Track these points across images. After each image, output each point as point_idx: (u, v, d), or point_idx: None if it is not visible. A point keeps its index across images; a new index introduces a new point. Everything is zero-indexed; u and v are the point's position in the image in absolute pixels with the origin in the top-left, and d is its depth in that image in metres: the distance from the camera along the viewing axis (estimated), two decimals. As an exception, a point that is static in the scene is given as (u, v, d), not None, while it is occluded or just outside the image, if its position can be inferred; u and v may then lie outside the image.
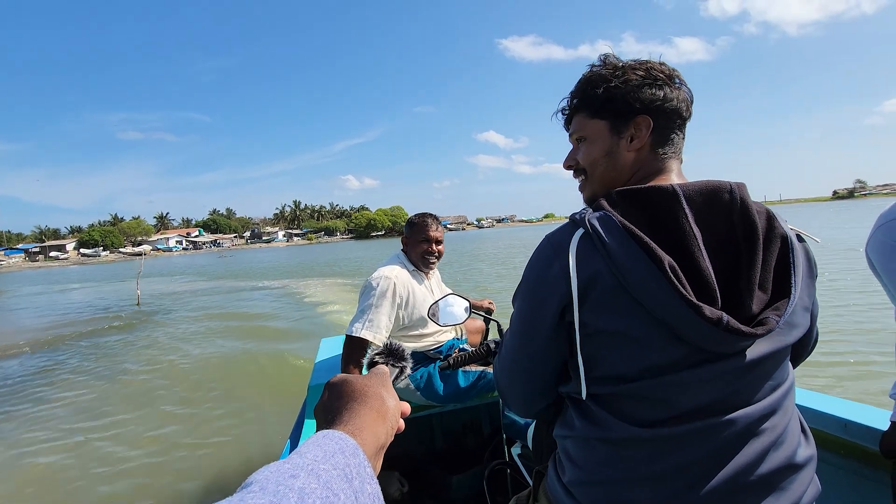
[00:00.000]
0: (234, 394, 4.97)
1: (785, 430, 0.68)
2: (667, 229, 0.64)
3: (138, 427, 4.30)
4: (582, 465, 0.71)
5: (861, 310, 6.21)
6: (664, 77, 0.74)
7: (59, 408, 5.05)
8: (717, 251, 0.65)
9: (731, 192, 0.67)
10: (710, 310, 0.60)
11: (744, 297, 0.63)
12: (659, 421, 0.65)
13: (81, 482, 3.36)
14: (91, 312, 12.88)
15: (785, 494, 0.66)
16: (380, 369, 0.54)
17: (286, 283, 17.56)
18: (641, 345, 0.64)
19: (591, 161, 0.78)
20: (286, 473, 0.31)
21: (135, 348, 7.90)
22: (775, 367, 0.69)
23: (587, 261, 0.65)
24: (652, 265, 0.61)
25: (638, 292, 0.62)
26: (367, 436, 0.41)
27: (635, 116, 0.74)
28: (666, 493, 0.65)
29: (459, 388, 1.84)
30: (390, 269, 1.89)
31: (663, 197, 0.66)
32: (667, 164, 0.75)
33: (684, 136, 0.77)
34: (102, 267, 57.29)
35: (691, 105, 0.76)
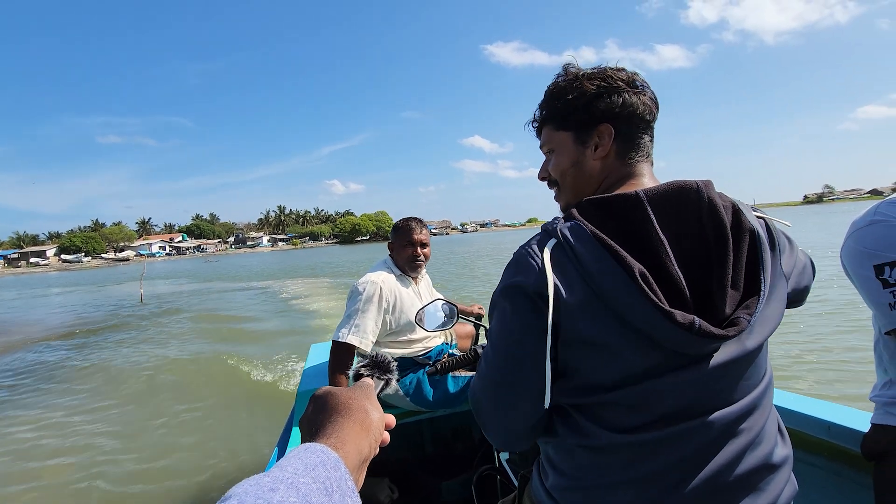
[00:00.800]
0: (224, 398, 4.98)
1: (762, 430, 0.69)
2: (635, 236, 0.65)
3: (125, 429, 4.37)
4: (564, 470, 0.72)
5: (839, 312, 6.32)
6: (623, 83, 0.74)
7: (51, 404, 5.26)
8: (687, 253, 0.65)
9: (698, 190, 0.66)
10: (681, 315, 0.60)
11: (715, 298, 0.63)
12: (639, 427, 0.66)
13: (64, 489, 3.36)
14: (105, 309, 14.68)
15: (762, 494, 0.67)
16: (364, 382, 0.55)
17: (272, 283, 19.62)
18: (617, 352, 0.64)
19: (560, 172, 0.81)
20: (265, 487, 0.31)
21: (133, 344, 8.52)
22: (750, 365, 0.69)
23: (560, 270, 0.65)
24: (623, 273, 0.61)
25: (610, 301, 0.62)
26: (350, 449, 0.42)
27: (597, 125, 0.75)
28: (646, 496, 0.66)
29: (449, 394, 1.84)
30: (377, 275, 1.90)
31: (628, 204, 0.66)
32: (636, 168, 0.76)
33: (652, 137, 0.78)
34: (88, 273, 57.61)
35: (655, 107, 0.77)
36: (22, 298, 23.11)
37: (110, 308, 14.93)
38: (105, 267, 77.52)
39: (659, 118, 0.78)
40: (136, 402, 5.16)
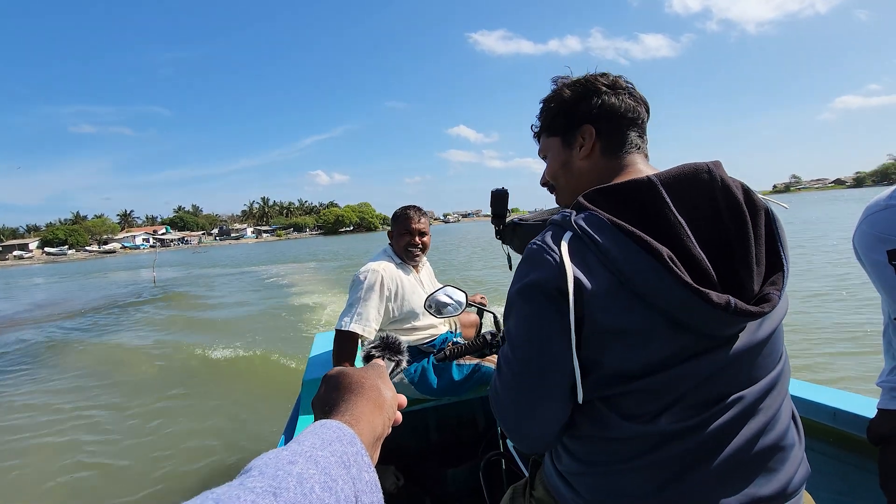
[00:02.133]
0: (230, 387, 5.02)
1: (779, 410, 0.70)
2: (652, 221, 0.64)
3: (129, 414, 4.43)
4: (579, 455, 0.72)
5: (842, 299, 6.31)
6: (605, 87, 0.78)
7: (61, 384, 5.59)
8: (706, 234, 0.64)
9: (710, 171, 0.67)
10: (717, 295, 0.59)
11: (742, 277, 0.63)
12: (661, 414, 0.65)
13: (76, 473, 3.45)
14: (129, 289, 18.12)
15: (776, 475, 0.67)
16: (376, 363, 0.55)
17: (265, 268, 23.36)
18: (645, 340, 0.63)
19: (553, 174, 0.86)
20: (285, 460, 0.32)
21: (149, 323, 9.40)
22: (773, 344, 0.69)
23: (581, 262, 0.64)
24: (651, 258, 0.60)
25: (639, 287, 0.61)
26: (364, 426, 0.42)
27: (579, 127, 0.79)
28: (663, 478, 0.66)
29: (454, 382, 1.85)
30: (377, 263, 1.91)
31: (641, 189, 0.66)
32: (626, 159, 0.78)
33: (642, 135, 0.80)
34: (78, 265, 59.19)
35: (642, 106, 0.80)
36: (48, 283, 26.31)
37: (132, 288, 18.20)
38: (92, 259, 78.37)
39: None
40: (139, 389, 5.24)
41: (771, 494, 0.67)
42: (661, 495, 0.66)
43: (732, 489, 0.66)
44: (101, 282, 23.90)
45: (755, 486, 0.66)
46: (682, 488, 0.65)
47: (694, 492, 0.65)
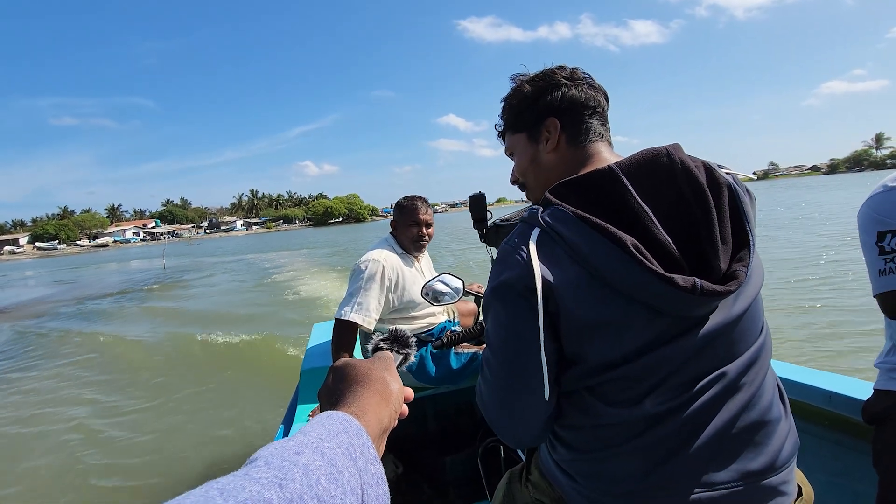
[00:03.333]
0: (230, 375, 5.06)
1: (762, 384, 0.70)
2: (617, 210, 0.65)
3: (124, 405, 4.50)
4: (571, 443, 0.75)
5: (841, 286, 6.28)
6: (565, 79, 0.80)
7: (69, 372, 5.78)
8: (671, 218, 0.65)
9: (669, 155, 0.68)
10: (682, 278, 0.61)
11: (709, 257, 0.64)
12: (645, 398, 0.66)
13: (75, 462, 3.46)
14: (146, 274, 21.03)
15: (764, 449, 0.69)
16: (384, 354, 0.55)
17: (259, 255, 26.08)
18: (622, 328, 0.64)
19: (522, 171, 0.86)
20: (291, 450, 0.32)
21: (151, 314, 9.87)
22: (751, 318, 0.70)
23: (550, 259, 0.65)
24: (615, 248, 0.62)
25: (609, 278, 0.62)
26: (371, 418, 0.42)
27: (543, 121, 0.80)
28: (652, 460, 0.67)
29: (452, 370, 1.86)
30: (378, 252, 1.91)
31: (603, 179, 0.67)
32: (590, 148, 0.79)
33: (604, 122, 0.82)
34: (73, 258, 60.34)
35: (601, 94, 0.82)
36: (72, 274, 29.28)
37: (149, 274, 21.12)
38: (85, 253, 79.58)
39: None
40: (144, 377, 5.29)
41: (760, 468, 0.68)
42: (652, 477, 0.67)
43: (721, 465, 0.67)
44: (120, 268, 28.33)
45: (743, 460, 0.67)
46: (671, 468, 0.67)
47: (683, 470, 0.66)
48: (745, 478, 0.67)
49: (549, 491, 0.82)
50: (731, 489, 0.67)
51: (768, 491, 0.68)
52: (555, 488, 0.81)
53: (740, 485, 0.67)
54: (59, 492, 3.16)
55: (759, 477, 0.68)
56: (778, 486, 0.69)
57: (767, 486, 0.68)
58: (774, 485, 0.69)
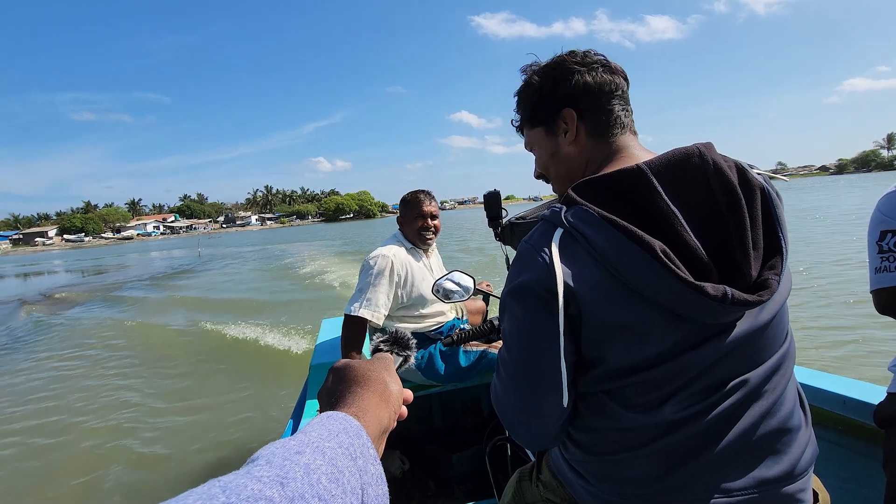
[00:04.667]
0: (239, 370, 5.05)
1: (784, 392, 0.68)
2: (645, 212, 0.62)
3: (139, 398, 4.47)
4: (585, 445, 0.72)
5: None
6: (577, 65, 0.75)
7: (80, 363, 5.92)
8: (702, 222, 0.62)
9: (701, 155, 0.64)
10: (712, 287, 0.58)
11: (740, 263, 0.61)
12: (667, 403, 0.64)
13: (80, 454, 3.46)
14: (184, 260, 24.53)
15: (784, 457, 0.66)
16: (384, 356, 0.55)
17: (277, 246, 29.49)
18: (645, 333, 0.62)
19: (543, 165, 0.83)
20: (292, 450, 0.32)
21: (176, 303, 10.17)
22: (777, 325, 0.67)
23: (573, 261, 0.63)
24: (642, 253, 0.59)
25: (633, 283, 0.60)
26: (371, 419, 0.42)
27: (560, 112, 0.76)
28: (668, 464, 0.65)
29: (460, 368, 1.84)
30: (388, 249, 1.89)
31: (631, 179, 0.63)
32: (617, 142, 0.75)
33: (626, 104, 0.76)
34: (101, 249, 62.90)
35: (620, 76, 0.76)
36: (121, 259, 32.87)
37: (187, 260, 24.39)
38: (111, 245, 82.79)
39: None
40: (156, 366, 5.36)
41: (778, 476, 0.65)
42: (667, 480, 0.65)
43: (738, 472, 0.65)
44: (162, 255, 32.54)
45: (762, 468, 0.65)
46: (687, 473, 0.64)
47: (699, 476, 0.64)
48: (763, 485, 0.65)
49: (560, 491, 0.81)
50: (747, 496, 0.65)
51: (785, 499, 0.66)
52: (566, 488, 0.79)
53: (756, 492, 0.65)
54: (65, 482, 3.09)
55: (776, 485, 0.66)
56: (795, 494, 0.67)
57: (785, 494, 0.66)
58: (791, 493, 0.67)
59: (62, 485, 3.12)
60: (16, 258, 58.30)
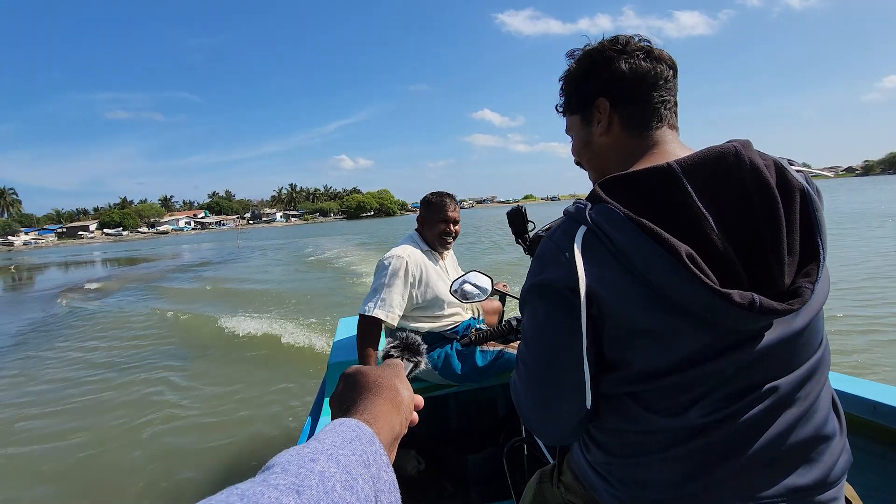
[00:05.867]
0: (261, 362, 5.12)
1: (818, 399, 0.65)
2: (673, 213, 0.59)
3: (164, 387, 4.54)
4: (607, 447, 0.70)
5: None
6: (615, 52, 0.71)
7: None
8: (734, 225, 0.58)
9: (737, 154, 0.60)
10: (739, 294, 0.55)
11: (773, 269, 0.57)
12: (693, 407, 0.62)
13: (101, 450, 3.41)
14: (223, 252, 27.30)
15: (816, 466, 0.63)
16: (394, 362, 0.54)
17: (305, 240, 32.78)
18: (670, 338, 0.60)
19: (577, 153, 0.81)
20: (306, 457, 0.32)
21: (216, 278, 12.49)
22: (812, 332, 0.64)
23: (595, 261, 0.60)
24: (668, 257, 0.56)
25: (658, 287, 0.57)
26: (383, 425, 0.42)
27: (593, 101, 0.74)
28: (693, 468, 0.63)
29: (477, 368, 1.82)
30: (402, 249, 1.87)
31: (661, 178, 0.60)
32: (654, 136, 0.71)
33: (668, 95, 0.72)
34: (140, 243, 67.56)
35: (662, 63, 0.71)
36: (175, 249, 37.04)
37: (228, 252, 27.11)
38: (149, 239, 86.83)
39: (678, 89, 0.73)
40: (177, 359, 5.40)
41: (811, 484, 0.63)
42: (691, 485, 0.63)
43: (769, 479, 0.62)
44: (204, 245, 36.44)
45: (794, 476, 0.62)
46: (712, 479, 0.62)
47: (726, 482, 0.62)
48: (794, 493, 0.62)
49: (582, 493, 0.79)
50: (776, 503, 0.62)
51: None
52: (588, 490, 0.77)
53: (787, 500, 0.62)
54: (82, 479, 3.08)
55: (809, 493, 0.63)
56: (828, 503, 0.64)
57: (817, 503, 0.64)
58: (824, 501, 0.64)
59: (81, 478, 3.12)
60: (67, 249, 62.63)
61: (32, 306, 11.41)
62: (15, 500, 2.99)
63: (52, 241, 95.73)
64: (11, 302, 13.85)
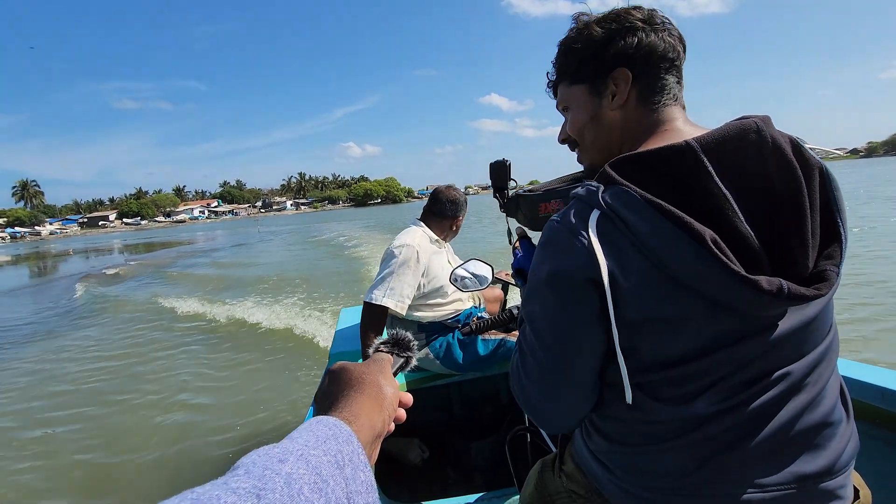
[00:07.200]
0: (261, 351, 5.07)
1: (826, 385, 0.63)
2: (692, 195, 0.55)
3: (164, 377, 4.53)
4: (612, 436, 0.67)
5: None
6: (639, 22, 0.66)
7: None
8: (756, 206, 0.55)
9: (759, 131, 0.56)
10: (767, 281, 0.52)
11: (796, 253, 0.55)
12: (701, 396, 0.59)
13: (101, 432, 3.45)
14: (244, 237, 30.53)
15: (823, 452, 0.61)
16: (380, 356, 0.53)
17: (317, 225, 35.90)
18: (686, 326, 0.57)
19: (578, 129, 0.74)
20: (274, 458, 0.30)
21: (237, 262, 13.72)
22: (823, 317, 0.61)
23: (612, 247, 0.56)
24: (690, 242, 0.52)
25: (678, 273, 0.54)
26: (363, 423, 0.40)
27: (611, 72, 0.67)
28: (700, 457, 0.60)
29: (479, 357, 1.80)
30: (411, 237, 1.85)
31: (679, 158, 0.56)
32: (664, 113, 0.67)
33: (679, 79, 0.69)
34: (160, 231, 70.73)
35: (681, 45, 0.68)
36: (209, 234, 41.45)
37: (253, 237, 29.53)
38: (167, 227, 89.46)
39: (687, 69, 0.70)
40: (180, 349, 5.39)
41: (817, 471, 0.61)
42: (697, 474, 0.60)
43: (774, 467, 0.60)
44: (226, 234, 38.78)
45: (800, 462, 0.60)
46: (718, 467, 0.60)
47: (732, 470, 0.60)
48: (801, 480, 0.60)
49: (584, 481, 0.76)
50: (783, 491, 0.60)
51: (824, 495, 0.61)
52: (589, 479, 0.75)
53: (794, 487, 0.60)
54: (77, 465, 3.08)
55: (815, 480, 0.61)
56: (835, 490, 0.62)
57: (824, 490, 0.61)
58: (831, 489, 0.62)
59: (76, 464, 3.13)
60: (95, 238, 65.39)
61: (104, 280, 13.33)
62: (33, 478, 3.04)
63: (76, 231, 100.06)
64: (74, 274, 15.95)
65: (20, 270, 22.32)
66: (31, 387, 4.81)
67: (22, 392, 4.70)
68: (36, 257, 31.13)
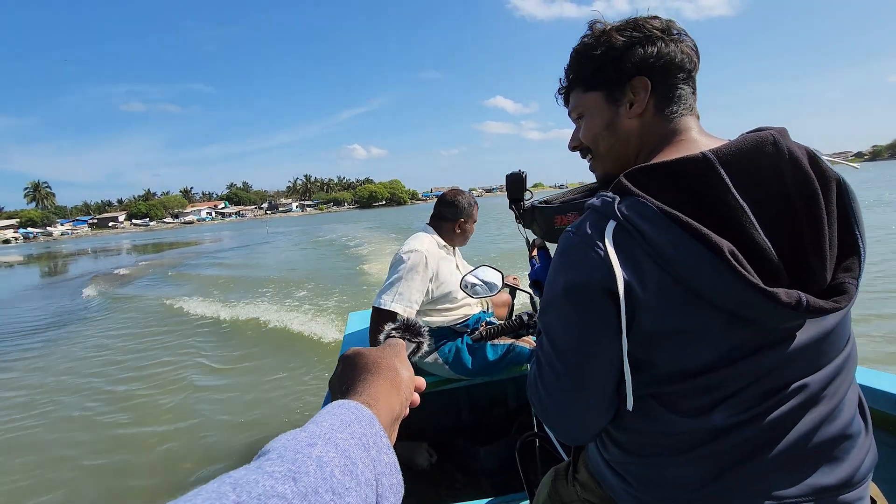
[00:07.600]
0: (273, 351, 5.06)
1: (844, 397, 0.62)
2: (709, 207, 0.54)
3: (172, 375, 4.53)
4: (628, 448, 0.67)
5: None
6: (657, 31, 0.66)
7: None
8: (773, 218, 0.55)
9: (775, 143, 0.55)
10: (785, 293, 0.51)
11: (814, 266, 0.54)
12: (717, 408, 0.59)
13: (111, 430, 3.51)
14: (255, 237, 31.01)
15: (841, 465, 0.61)
16: (395, 341, 0.53)
17: (323, 226, 36.48)
18: (703, 339, 0.56)
19: (592, 137, 0.73)
20: (303, 442, 0.31)
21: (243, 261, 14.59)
22: (841, 329, 0.61)
23: (628, 259, 0.56)
24: (708, 254, 0.52)
25: (696, 285, 0.53)
26: (382, 406, 0.41)
27: (630, 80, 0.67)
28: (716, 469, 0.60)
29: (488, 362, 1.80)
30: (420, 243, 1.84)
31: (696, 169, 0.55)
32: (680, 123, 0.67)
33: (694, 90, 0.69)
34: (170, 232, 71.46)
35: (696, 55, 0.68)
36: (231, 232, 43.59)
37: (260, 235, 31.52)
38: (176, 228, 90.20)
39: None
40: (190, 349, 5.34)
41: (835, 483, 0.60)
42: (713, 486, 0.60)
43: (792, 479, 0.59)
44: (235, 234, 40.32)
45: (818, 475, 0.60)
46: (735, 479, 0.59)
47: (748, 482, 0.59)
48: (818, 493, 0.60)
49: (598, 491, 0.76)
50: (801, 503, 0.59)
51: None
52: (604, 488, 0.74)
53: (812, 499, 0.60)
54: (94, 464, 3.10)
55: (833, 492, 0.60)
56: (853, 502, 0.62)
57: (842, 502, 0.61)
58: (850, 501, 0.61)
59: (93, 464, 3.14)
60: (102, 238, 66.24)
61: (117, 280, 13.64)
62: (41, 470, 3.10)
63: (87, 232, 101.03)
64: (90, 271, 16.74)
65: (31, 270, 23.03)
66: (40, 384, 4.94)
67: (35, 389, 4.82)
68: (48, 257, 31.80)
